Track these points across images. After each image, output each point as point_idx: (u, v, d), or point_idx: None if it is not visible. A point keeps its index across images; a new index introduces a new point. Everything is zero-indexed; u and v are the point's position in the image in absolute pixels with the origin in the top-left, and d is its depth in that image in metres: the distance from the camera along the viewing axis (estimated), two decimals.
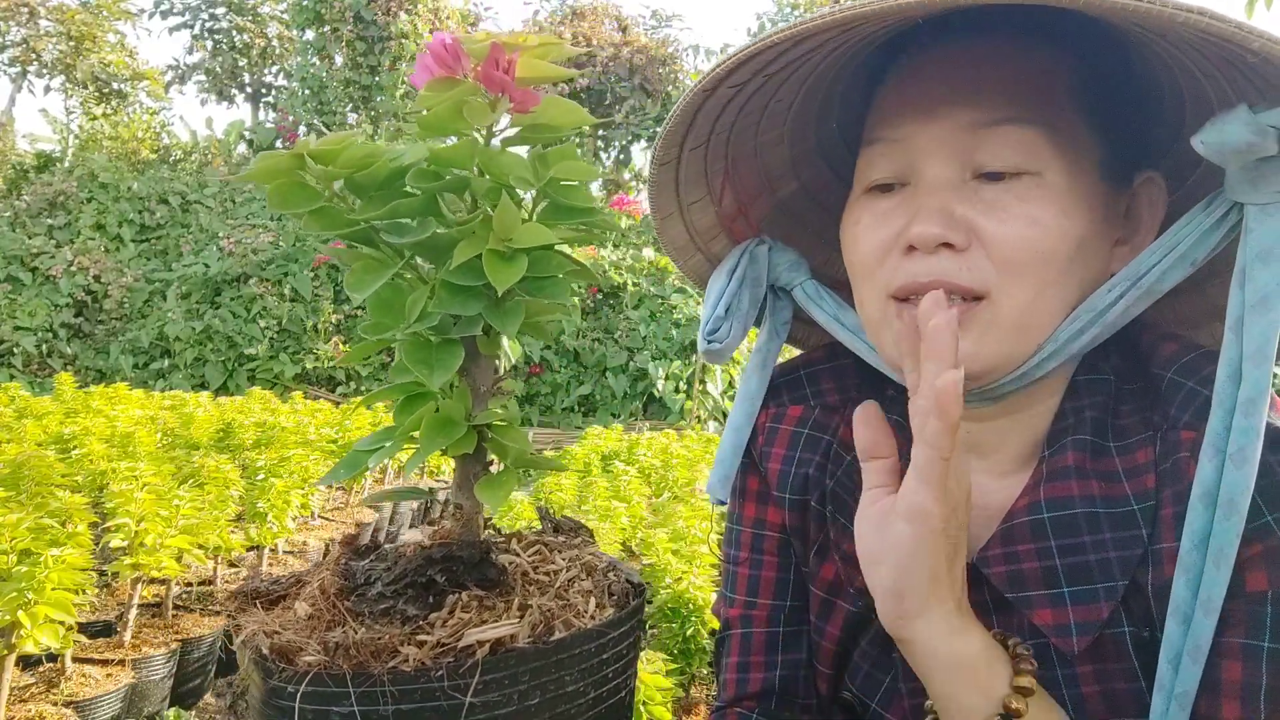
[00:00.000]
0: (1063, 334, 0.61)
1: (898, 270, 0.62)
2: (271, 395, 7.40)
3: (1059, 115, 0.61)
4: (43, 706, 2.46)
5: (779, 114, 0.72)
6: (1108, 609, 0.59)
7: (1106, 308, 0.60)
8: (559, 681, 0.40)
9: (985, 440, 0.68)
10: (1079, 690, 0.61)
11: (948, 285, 0.59)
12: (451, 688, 0.37)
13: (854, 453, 0.72)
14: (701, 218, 0.76)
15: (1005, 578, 0.62)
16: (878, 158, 0.64)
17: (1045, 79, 0.61)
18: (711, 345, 0.75)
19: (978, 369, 0.61)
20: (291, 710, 0.38)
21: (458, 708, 0.37)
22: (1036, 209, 0.59)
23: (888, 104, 0.65)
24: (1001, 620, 0.64)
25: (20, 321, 9.69)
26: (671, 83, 14.30)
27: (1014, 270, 0.59)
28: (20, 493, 2.69)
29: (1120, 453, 0.63)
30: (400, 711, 0.37)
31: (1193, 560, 0.55)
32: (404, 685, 0.37)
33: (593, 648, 0.42)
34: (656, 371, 9.05)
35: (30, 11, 14.25)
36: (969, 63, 0.62)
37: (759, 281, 0.77)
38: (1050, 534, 0.62)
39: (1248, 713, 0.54)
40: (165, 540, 2.85)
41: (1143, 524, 0.60)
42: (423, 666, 0.38)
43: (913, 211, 0.61)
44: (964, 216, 0.59)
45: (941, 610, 0.55)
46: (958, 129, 0.60)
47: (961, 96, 0.61)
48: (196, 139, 14.15)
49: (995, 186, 0.60)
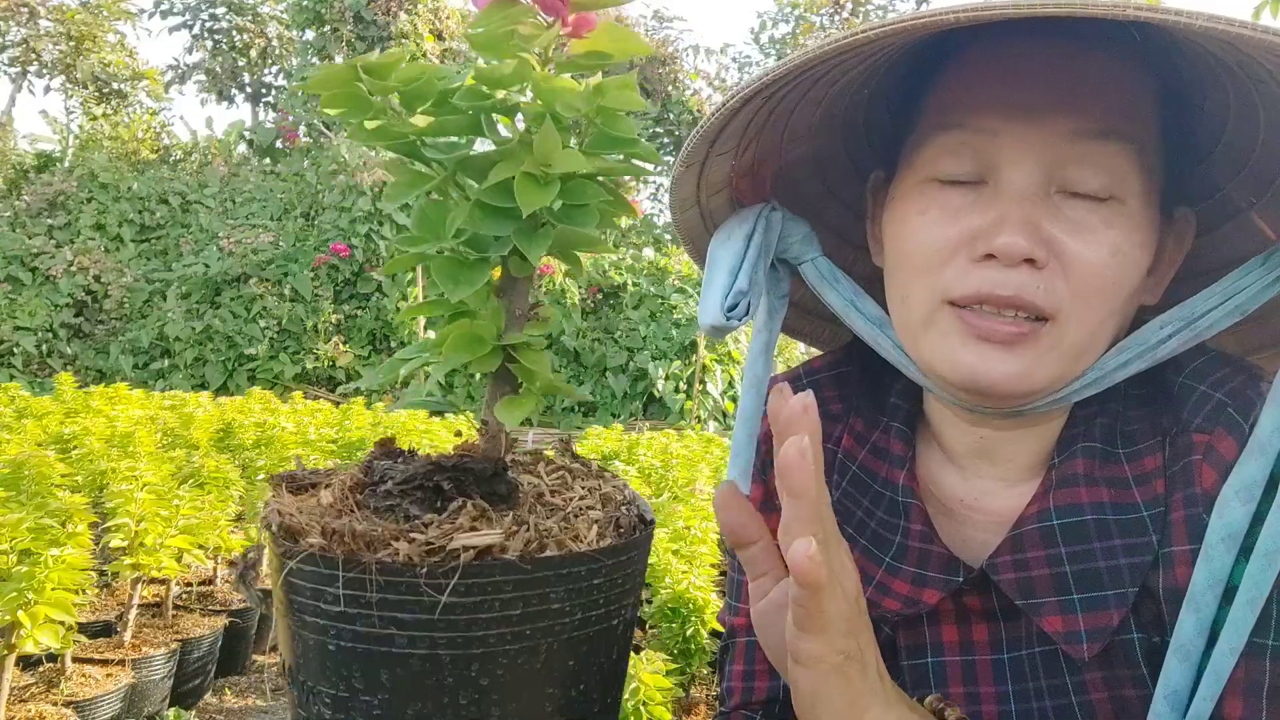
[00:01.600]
0: (1109, 363, 0.60)
1: (967, 275, 0.58)
2: (271, 395, 7.39)
3: (1148, 135, 0.59)
4: (43, 706, 2.46)
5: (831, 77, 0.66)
6: (1118, 616, 0.58)
7: (1157, 344, 0.59)
8: (544, 598, 0.41)
9: (998, 449, 0.67)
10: (1088, 697, 0.60)
11: (1024, 303, 0.57)
12: (430, 584, 0.39)
13: (858, 462, 0.73)
14: (717, 169, 0.68)
15: (1015, 585, 0.62)
16: (956, 146, 0.60)
17: (1138, 94, 0.59)
18: (730, 321, 0.65)
19: (1028, 388, 0.59)
20: (293, 584, 0.42)
21: (436, 605, 0.39)
22: (1120, 237, 0.57)
23: (971, 89, 0.60)
24: (1009, 626, 0.64)
25: (20, 321, 9.69)
26: (671, 82, 14.29)
27: (1088, 296, 0.57)
28: (20, 493, 2.69)
29: (1129, 459, 0.63)
30: (384, 600, 0.40)
31: (1205, 601, 0.54)
32: (389, 576, 0.40)
33: (583, 571, 0.43)
34: (656, 371, 9.04)
35: (30, 11, 14.24)
36: (1070, 64, 0.58)
37: (769, 251, 0.68)
38: (1060, 540, 0.61)
39: (1250, 710, 0.54)
40: (165, 540, 2.85)
41: (1152, 530, 0.59)
42: (409, 561, 0.40)
43: (992, 215, 0.58)
44: (1048, 233, 0.57)
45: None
46: (1057, 136, 0.57)
47: (1065, 100, 0.57)
48: (196, 139, 14.14)
49: (1081, 205, 0.57)
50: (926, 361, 0.63)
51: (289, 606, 0.43)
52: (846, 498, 0.72)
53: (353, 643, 0.41)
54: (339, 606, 0.41)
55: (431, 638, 0.41)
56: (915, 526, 0.67)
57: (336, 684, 0.42)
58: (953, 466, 0.70)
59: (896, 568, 0.67)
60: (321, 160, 11.89)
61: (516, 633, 0.41)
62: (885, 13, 15.26)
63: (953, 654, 0.65)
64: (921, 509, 0.67)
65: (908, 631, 0.67)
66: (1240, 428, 0.59)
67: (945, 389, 0.64)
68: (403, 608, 0.40)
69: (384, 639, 0.41)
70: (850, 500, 0.71)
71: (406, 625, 0.40)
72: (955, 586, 0.64)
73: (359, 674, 0.41)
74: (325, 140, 12.33)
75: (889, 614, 0.66)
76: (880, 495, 0.70)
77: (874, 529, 0.69)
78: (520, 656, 0.42)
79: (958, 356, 0.59)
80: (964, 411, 0.66)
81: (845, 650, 0.49)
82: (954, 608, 0.66)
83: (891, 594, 0.66)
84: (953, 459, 0.70)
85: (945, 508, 0.70)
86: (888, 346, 0.68)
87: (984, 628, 0.65)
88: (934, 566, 0.65)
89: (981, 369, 0.59)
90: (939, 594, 0.64)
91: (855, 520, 0.70)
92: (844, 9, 15.23)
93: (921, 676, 0.66)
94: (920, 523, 0.67)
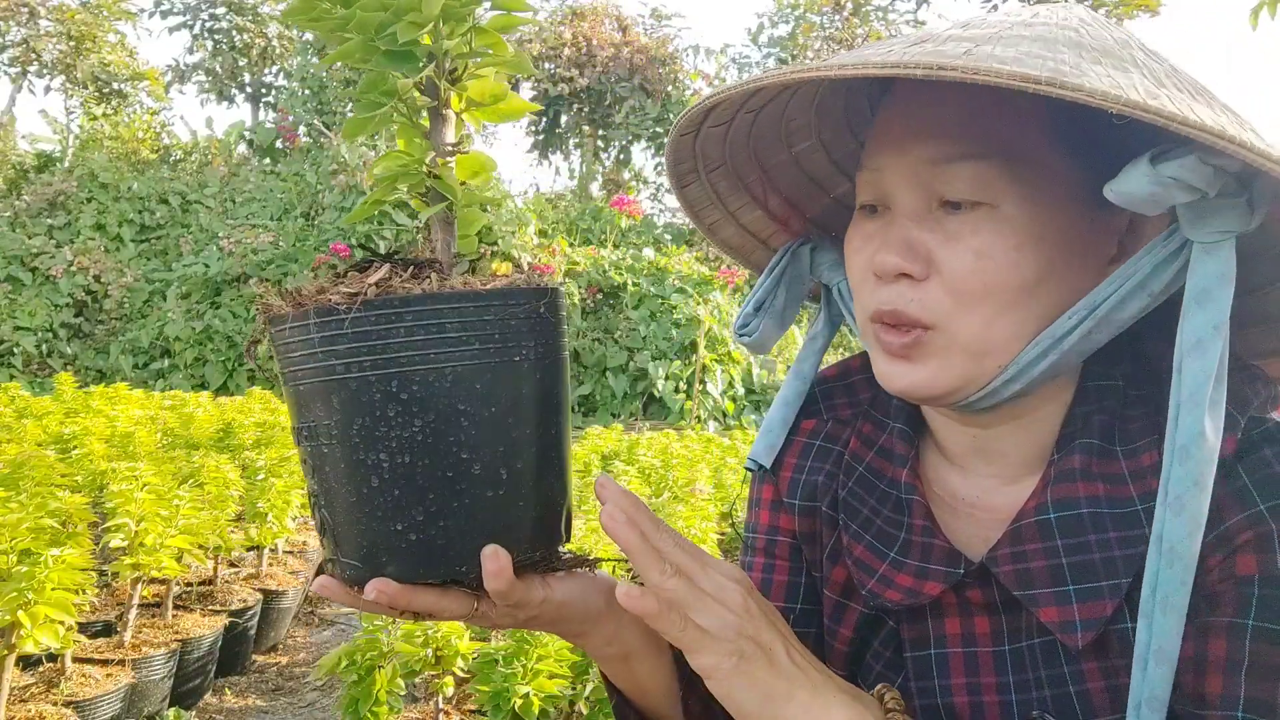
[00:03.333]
0: (1024, 357, 0.62)
1: (872, 295, 0.65)
2: (271, 395, 7.40)
3: (1020, 146, 0.61)
4: (43, 706, 2.46)
5: (804, 128, 0.77)
6: (1112, 606, 0.60)
7: (1064, 334, 0.61)
8: (440, 327, 0.53)
9: (990, 446, 0.69)
10: (1085, 686, 0.62)
11: (899, 316, 0.62)
12: (345, 312, 0.52)
13: (865, 464, 0.76)
14: (751, 219, 0.82)
15: (1013, 577, 0.63)
16: (864, 183, 0.67)
17: (1008, 110, 0.62)
18: (742, 338, 0.81)
19: (940, 391, 0.64)
20: (276, 349, 0.57)
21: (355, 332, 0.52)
22: (987, 241, 0.60)
23: (873, 134, 0.68)
24: (1009, 618, 0.65)
25: (20, 321, 9.69)
26: (671, 82, 14.29)
27: (964, 300, 0.61)
28: (20, 493, 2.69)
29: (1126, 456, 0.64)
30: (324, 338, 0.53)
31: (1148, 606, 0.55)
32: (323, 317, 0.53)
33: (470, 306, 0.54)
34: (657, 371, 9.05)
35: (30, 11, 14.25)
36: (932, 99, 0.63)
37: (800, 279, 0.81)
38: (1056, 533, 0.63)
39: (1229, 687, 0.56)
40: (165, 540, 2.85)
41: (1146, 523, 0.60)
42: (335, 302, 0.53)
43: (880, 239, 0.64)
44: (925, 247, 0.62)
45: (790, 708, 0.56)
46: (920, 163, 0.63)
47: (922, 133, 0.63)
48: (197, 139, 14.16)
49: (955, 218, 0.62)
50: (878, 376, 0.68)
51: (281, 371, 0.57)
52: (853, 496, 0.75)
53: (311, 379, 0.54)
54: (297, 352, 0.54)
55: (359, 362, 0.52)
56: (918, 522, 0.69)
57: (308, 417, 0.55)
58: (953, 466, 0.73)
59: (901, 562, 0.69)
60: (321, 160, 11.90)
61: (422, 355, 0.52)
62: (885, 14, 15.24)
63: (955, 646, 0.67)
64: (924, 505, 0.70)
65: (911, 625, 0.69)
66: (1236, 424, 0.60)
67: None
68: (337, 341, 0.52)
69: (327, 369, 0.53)
70: (856, 499, 0.74)
71: (340, 355, 0.53)
72: (956, 578, 0.66)
73: (319, 404, 0.54)
74: (325, 140, 12.33)
75: (891, 606, 0.68)
76: (886, 494, 0.73)
77: (879, 525, 0.72)
78: (431, 375, 0.53)
79: (880, 368, 0.66)
80: (950, 410, 0.69)
81: (738, 652, 0.55)
82: (956, 601, 0.67)
83: (894, 586, 0.68)
84: (952, 458, 0.73)
85: (949, 506, 0.72)
86: None
87: (985, 620, 0.67)
88: (936, 559, 0.67)
89: (894, 378, 0.65)
90: (940, 586, 0.66)
91: (861, 518, 0.73)
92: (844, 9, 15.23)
93: (924, 668, 0.68)
94: (922, 518, 0.69)
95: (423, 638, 2.22)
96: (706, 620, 0.55)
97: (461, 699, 2.60)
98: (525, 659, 2.06)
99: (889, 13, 15.30)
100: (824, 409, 0.82)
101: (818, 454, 0.79)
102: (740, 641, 0.55)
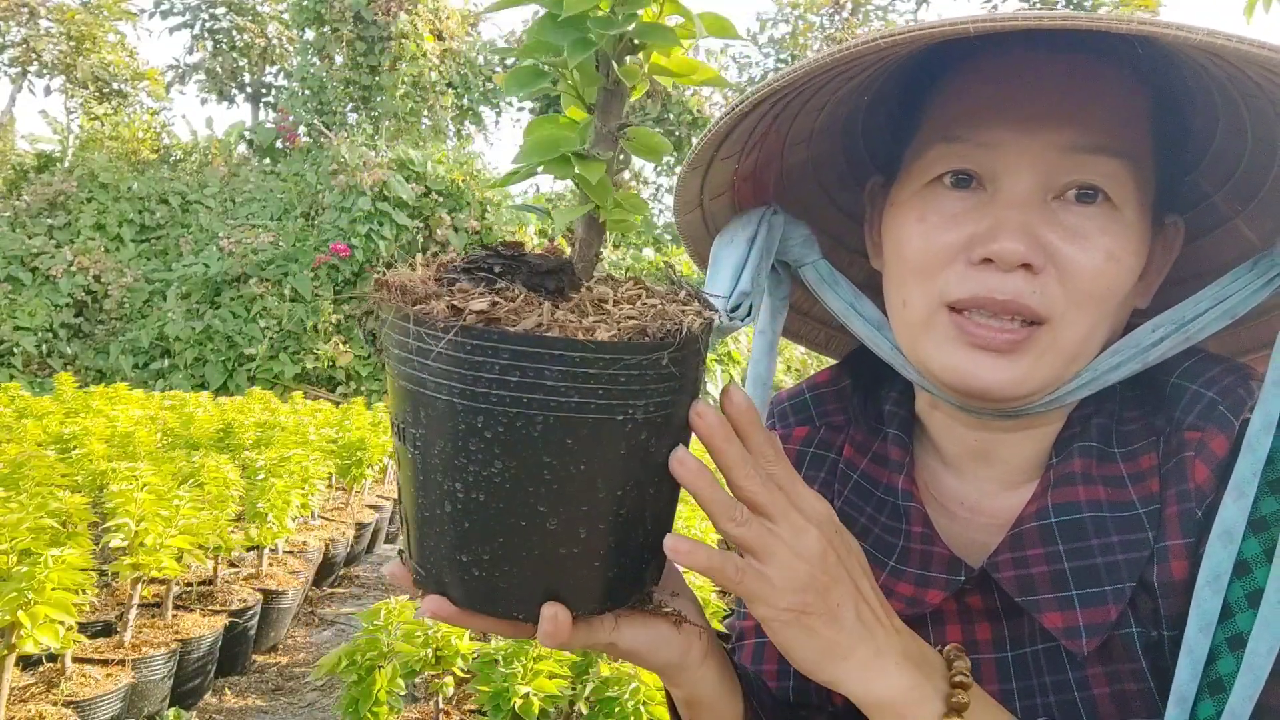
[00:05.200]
0: (1102, 364, 0.61)
1: (965, 279, 0.60)
2: (271, 395, 7.40)
3: (1142, 147, 0.60)
4: (43, 706, 2.46)
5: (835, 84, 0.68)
6: (1116, 611, 0.59)
7: (1149, 346, 0.61)
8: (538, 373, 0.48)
9: (996, 451, 0.68)
10: (1090, 692, 0.61)
11: (1020, 307, 0.58)
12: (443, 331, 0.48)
13: (859, 471, 0.74)
14: (720, 173, 0.70)
15: (1015, 582, 0.63)
16: (957, 157, 0.62)
17: (1133, 107, 0.60)
18: (733, 323, 0.67)
19: (1024, 392, 0.61)
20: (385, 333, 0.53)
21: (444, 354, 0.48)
22: (1116, 243, 0.59)
23: (973, 102, 0.62)
24: (1012, 624, 0.65)
25: (20, 321, 9.69)
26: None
27: (1083, 301, 0.59)
28: (20, 493, 2.69)
29: (1125, 459, 0.64)
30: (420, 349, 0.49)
31: (1204, 597, 0.55)
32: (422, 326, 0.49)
33: (576, 357, 0.48)
34: None
35: (30, 11, 14.25)
36: (1065, 78, 0.60)
37: (770, 254, 0.70)
38: (1058, 538, 0.62)
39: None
40: (165, 540, 2.85)
41: (1148, 527, 0.60)
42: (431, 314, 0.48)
43: (990, 222, 0.60)
44: (1045, 239, 0.59)
45: (846, 665, 0.53)
46: (1053, 148, 0.59)
47: (1062, 114, 0.59)
48: (197, 139, 14.15)
49: (1078, 213, 0.59)
50: (924, 364, 0.64)
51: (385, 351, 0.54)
52: (849, 505, 0.73)
53: (405, 381, 0.51)
54: (396, 348, 0.51)
55: (449, 386, 0.49)
56: (916, 529, 0.68)
57: (401, 414, 0.52)
58: (951, 470, 0.71)
59: (900, 570, 0.68)
60: (321, 160, 11.90)
61: (514, 397, 0.48)
62: (885, 13, 15.25)
63: None
64: (921, 511, 0.68)
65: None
66: (1230, 424, 0.60)
67: (942, 390, 0.65)
68: (430, 356, 0.49)
69: (418, 380, 0.50)
70: (853, 508, 0.73)
71: (432, 372, 0.49)
72: (958, 586, 0.65)
73: (410, 408, 0.51)
74: (325, 140, 12.33)
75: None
76: (883, 502, 0.72)
77: (877, 534, 0.70)
78: (519, 420, 0.48)
79: (954, 361, 0.61)
80: (961, 413, 0.67)
81: (800, 605, 0.51)
82: (957, 608, 0.66)
83: (895, 596, 0.67)
84: (949, 462, 0.71)
85: (947, 511, 0.71)
86: (886, 349, 0.69)
87: (987, 627, 0.66)
88: (936, 567, 0.66)
89: (978, 374, 0.60)
90: (942, 594, 0.65)
91: (859, 527, 0.71)
92: (844, 9, 15.23)
93: None
94: (921, 525, 0.68)
95: (423, 638, 2.22)
96: (774, 571, 0.50)
97: (461, 699, 2.60)
98: (525, 659, 2.06)
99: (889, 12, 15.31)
100: (816, 415, 0.79)
101: (811, 462, 0.77)
102: (805, 595, 0.51)
